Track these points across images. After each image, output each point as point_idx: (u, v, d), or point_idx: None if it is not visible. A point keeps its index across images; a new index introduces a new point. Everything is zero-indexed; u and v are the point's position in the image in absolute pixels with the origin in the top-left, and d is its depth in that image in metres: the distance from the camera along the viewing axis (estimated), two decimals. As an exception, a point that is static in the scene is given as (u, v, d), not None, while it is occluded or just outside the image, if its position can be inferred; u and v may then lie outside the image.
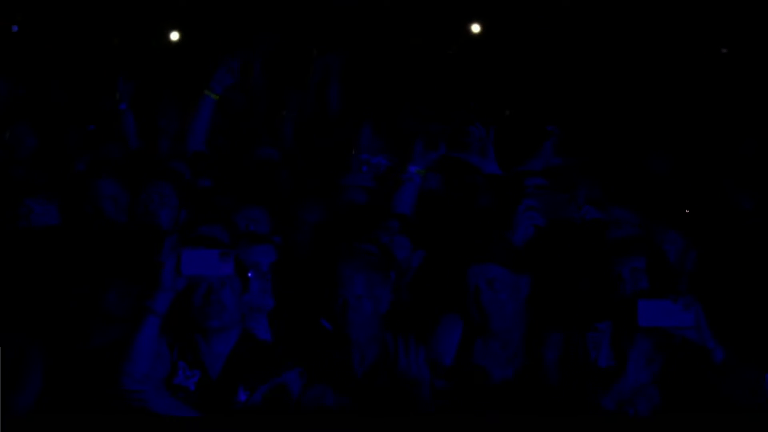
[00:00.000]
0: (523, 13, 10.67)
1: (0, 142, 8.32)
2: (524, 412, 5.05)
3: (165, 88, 9.20)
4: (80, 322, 5.58)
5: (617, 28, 10.31)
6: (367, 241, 5.83)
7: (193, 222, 6.29)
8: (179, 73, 9.81)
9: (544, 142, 7.23)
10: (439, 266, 5.95)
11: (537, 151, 7.24)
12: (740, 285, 5.70)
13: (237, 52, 7.29)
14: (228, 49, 7.18)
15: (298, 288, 5.66)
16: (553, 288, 5.53)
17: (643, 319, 4.81)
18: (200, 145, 7.42)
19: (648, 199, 6.68)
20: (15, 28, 11.05)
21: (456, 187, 7.18)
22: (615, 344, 5.15)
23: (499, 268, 5.25)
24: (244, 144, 8.20)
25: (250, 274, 5.35)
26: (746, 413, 4.82)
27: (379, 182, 7.35)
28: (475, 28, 10.79)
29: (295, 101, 8.53)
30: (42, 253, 5.80)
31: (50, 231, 6.15)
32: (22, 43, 11.06)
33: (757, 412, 4.83)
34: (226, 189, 7.05)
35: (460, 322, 5.31)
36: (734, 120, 9.19)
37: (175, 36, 10.65)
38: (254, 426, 4.89)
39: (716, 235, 6.24)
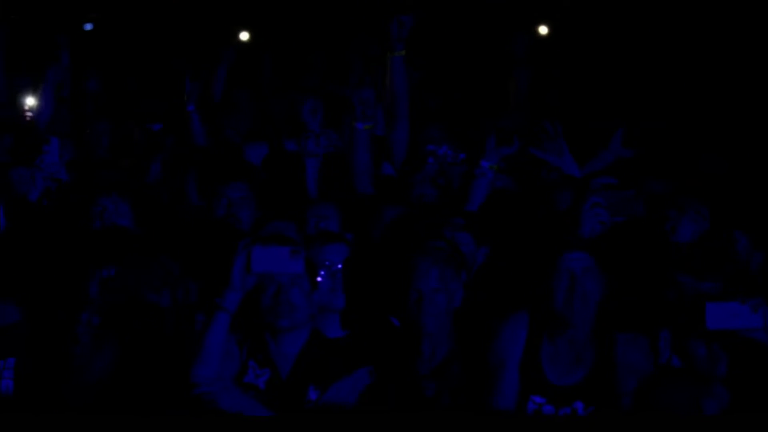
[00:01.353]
0: (590, 12, 10.63)
1: (78, 140, 8.45)
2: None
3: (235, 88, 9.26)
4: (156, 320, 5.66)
5: (686, 26, 10.23)
6: (435, 236, 5.84)
7: (264, 219, 6.34)
8: (247, 71, 9.86)
9: (612, 136, 7.20)
10: (504, 263, 5.95)
11: (605, 146, 7.20)
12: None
13: None
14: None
15: (369, 286, 5.67)
16: (624, 288, 5.48)
17: (711, 321, 4.77)
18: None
19: (712, 199, 6.61)
20: (89, 26, 11.15)
21: (528, 184, 7.19)
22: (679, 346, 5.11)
23: (592, 260, 5.18)
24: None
25: (321, 274, 5.37)
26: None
27: (445, 176, 7.36)
28: (543, 29, 10.77)
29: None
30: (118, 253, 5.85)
31: (124, 231, 6.20)
32: (96, 41, 11.18)
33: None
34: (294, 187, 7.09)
35: (527, 319, 5.28)
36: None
37: (244, 36, 10.69)
38: (325, 424, 4.91)
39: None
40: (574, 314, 5.10)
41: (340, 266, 5.52)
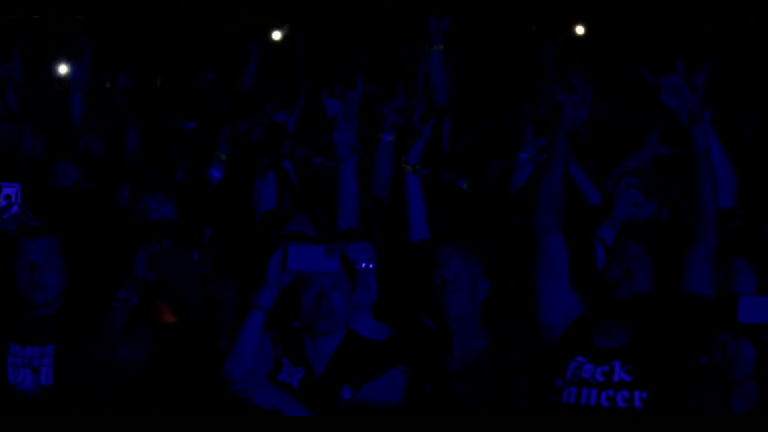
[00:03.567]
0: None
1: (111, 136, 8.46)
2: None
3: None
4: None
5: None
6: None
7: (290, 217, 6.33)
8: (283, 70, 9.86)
9: (649, 135, 7.14)
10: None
11: (642, 143, 7.14)
12: None
13: None
14: None
15: (402, 285, 5.64)
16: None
17: (743, 315, 4.71)
18: None
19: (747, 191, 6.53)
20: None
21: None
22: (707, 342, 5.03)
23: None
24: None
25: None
26: None
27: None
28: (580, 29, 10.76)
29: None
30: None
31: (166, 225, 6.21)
32: (128, 40, 11.21)
33: None
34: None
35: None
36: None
37: (277, 35, 10.71)
38: (358, 424, 4.88)
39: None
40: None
41: (372, 266, 5.51)
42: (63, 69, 9.48)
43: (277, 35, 10.74)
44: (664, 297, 5.08)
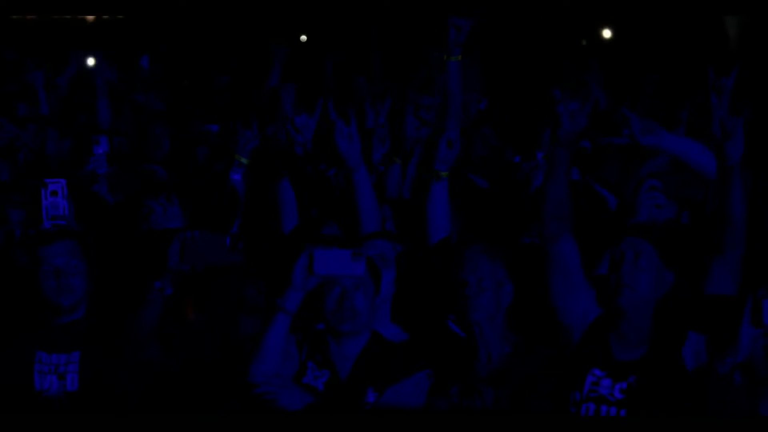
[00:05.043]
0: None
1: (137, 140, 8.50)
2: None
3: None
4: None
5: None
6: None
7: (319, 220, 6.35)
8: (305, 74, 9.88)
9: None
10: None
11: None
12: None
13: None
14: None
15: (426, 288, 5.65)
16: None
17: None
18: None
19: None
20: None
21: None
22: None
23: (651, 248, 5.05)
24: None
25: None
26: None
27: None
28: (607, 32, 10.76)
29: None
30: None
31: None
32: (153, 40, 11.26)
33: None
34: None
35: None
36: None
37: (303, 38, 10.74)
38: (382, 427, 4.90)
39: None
40: (623, 301, 4.99)
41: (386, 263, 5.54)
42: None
43: (303, 38, 10.77)
44: (683, 300, 5.10)
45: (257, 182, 7.02)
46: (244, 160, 7.00)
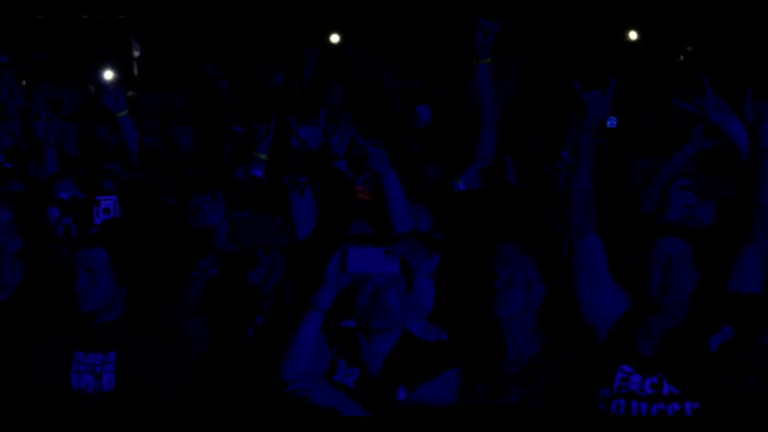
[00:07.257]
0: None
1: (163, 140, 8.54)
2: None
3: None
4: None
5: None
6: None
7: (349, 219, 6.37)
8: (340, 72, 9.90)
9: (694, 129, 7.11)
10: None
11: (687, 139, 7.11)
12: None
13: None
14: None
15: (459, 287, 5.66)
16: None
17: None
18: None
19: None
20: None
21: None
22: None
23: (688, 246, 5.09)
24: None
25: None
26: None
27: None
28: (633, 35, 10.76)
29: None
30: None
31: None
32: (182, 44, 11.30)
33: None
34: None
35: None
36: None
37: (335, 38, 10.75)
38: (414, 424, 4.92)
39: None
40: (669, 301, 5.03)
41: (426, 268, 5.57)
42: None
43: (335, 38, 10.79)
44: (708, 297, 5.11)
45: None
46: (262, 156, 7.02)
